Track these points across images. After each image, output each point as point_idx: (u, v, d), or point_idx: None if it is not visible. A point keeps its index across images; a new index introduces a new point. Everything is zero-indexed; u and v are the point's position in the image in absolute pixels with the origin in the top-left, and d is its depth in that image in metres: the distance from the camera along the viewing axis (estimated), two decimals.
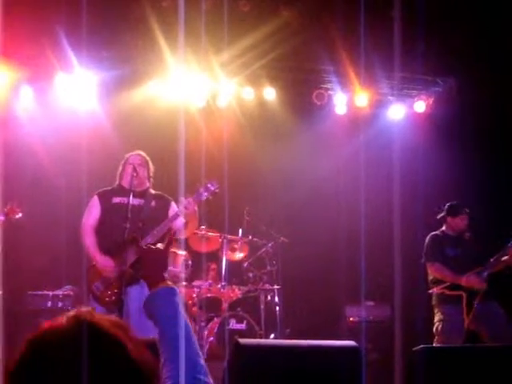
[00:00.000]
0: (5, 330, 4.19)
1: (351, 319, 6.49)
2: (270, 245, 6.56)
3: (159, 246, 2.05)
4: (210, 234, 6.30)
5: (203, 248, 6.47)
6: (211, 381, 1.64)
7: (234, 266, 6.62)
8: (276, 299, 6.64)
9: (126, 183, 4.24)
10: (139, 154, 4.32)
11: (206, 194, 3.97)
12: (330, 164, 7.34)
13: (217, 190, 4.06)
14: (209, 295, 6.21)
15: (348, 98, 7.63)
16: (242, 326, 6.06)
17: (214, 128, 7.33)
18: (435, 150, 7.24)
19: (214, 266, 6.67)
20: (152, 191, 4.42)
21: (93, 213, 4.08)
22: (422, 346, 3.24)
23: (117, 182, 4.38)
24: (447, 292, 5.11)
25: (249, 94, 7.40)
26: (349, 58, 7.31)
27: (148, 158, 4.40)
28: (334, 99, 7.57)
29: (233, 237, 6.37)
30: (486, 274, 5.04)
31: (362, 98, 7.59)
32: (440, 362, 3.07)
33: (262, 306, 6.27)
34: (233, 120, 7.42)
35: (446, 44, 7.19)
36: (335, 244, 7.12)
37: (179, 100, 7.15)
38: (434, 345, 5.07)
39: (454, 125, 7.33)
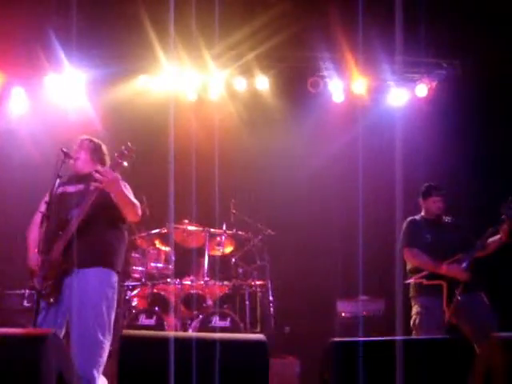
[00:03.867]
0: None
1: (343, 314, 6.21)
2: (258, 238, 6.36)
3: None
4: (191, 228, 6.15)
5: (189, 243, 6.34)
6: None
7: (222, 261, 6.45)
8: (270, 295, 6.45)
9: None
10: (80, 139, 4.16)
11: (120, 159, 3.75)
12: (326, 154, 7.08)
13: (131, 154, 3.76)
14: (193, 291, 6.06)
15: (345, 85, 7.33)
16: (226, 323, 5.87)
17: (206, 121, 7.19)
18: (438, 136, 6.87)
19: (202, 261, 6.50)
20: None
21: (41, 208, 3.94)
22: (334, 339, 2.98)
23: None
24: (425, 282, 4.73)
25: (241, 84, 7.21)
26: (346, 43, 7.04)
27: (95, 141, 4.19)
28: (329, 87, 7.29)
29: (216, 230, 6.20)
30: (468, 261, 4.65)
31: (360, 84, 7.28)
32: (352, 356, 2.83)
33: (247, 303, 6.08)
34: (225, 112, 7.27)
35: (451, 25, 6.83)
36: (329, 236, 6.86)
37: (170, 94, 7.06)
38: None
39: (458, 109, 6.94)
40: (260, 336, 3.07)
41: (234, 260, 6.35)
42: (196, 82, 7.19)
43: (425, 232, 4.87)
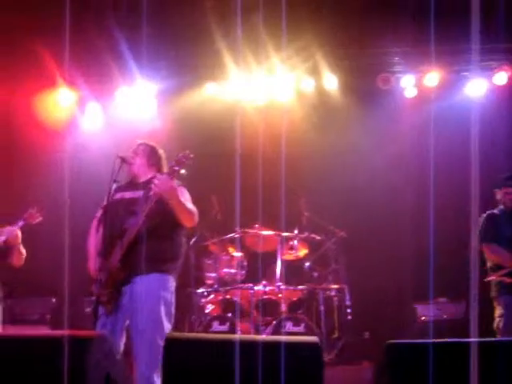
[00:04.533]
0: None
1: (423, 318, 5.91)
2: (332, 241, 6.19)
3: None
4: (263, 232, 6.07)
5: (261, 248, 6.26)
6: None
7: (296, 265, 6.33)
8: (347, 300, 6.27)
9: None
10: (136, 144, 4.18)
11: (177, 167, 3.72)
12: (398, 151, 6.82)
13: (188, 161, 3.73)
14: (266, 297, 5.97)
15: (417, 79, 7.04)
16: (300, 328, 5.74)
17: (274, 124, 7.10)
18: None
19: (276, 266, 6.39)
20: None
21: (98, 213, 3.99)
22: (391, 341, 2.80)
23: None
24: (508, 280, 4.41)
25: (309, 85, 7.09)
26: (417, 35, 6.78)
27: (150, 144, 4.19)
28: (401, 82, 7.03)
29: (288, 234, 6.08)
30: None
31: (434, 77, 6.96)
32: (409, 358, 2.64)
33: (322, 308, 5.92)
34: (294, 114, 7.15)
35: None
36: (403, 236, 6.58)
37: (238, 99, 7.06)
38: None
39: None
40: (313, 338, 2.93)
41: (307, 264, 6.20)
42: (264, 85, 7.14)
43: (504, 226, 4.56)
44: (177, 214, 3.83)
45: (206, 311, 6.10)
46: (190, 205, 3.93)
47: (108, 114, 7.23)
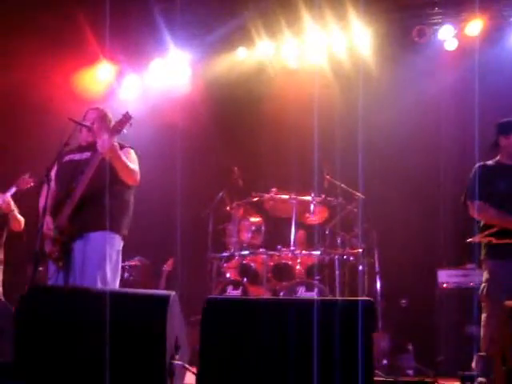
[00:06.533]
0: None
1: (444, 285, 5.53)
2: (353, 204, 5.95)
3: None
4: (278, 196, 5.97)
5: (280, 212, 6.17)
6: None
7: (318, 231, 6.15)
8: (377, 265, 6.03)
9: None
10: (90, 109, 4.28)
11: (119, 127, 3.78)
12: (436, 109, 6.36)
13: (129, 121, 3.77)
14: (282, 262, 5.88)
15: (457, 29, 6.51)
16: (313, 293, 5.61)
17: (306, 87, 6.91)
18: None
19: (301, 232, 6.27)
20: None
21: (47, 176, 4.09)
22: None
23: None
24: (495, 241, 3.96)
25: (342, 45, 6.81)
26: None
27: (100, 109, 4.26)
28: (439, 34, 6.53)
29: (304, 198, 5.92)
30: None
31: (476, 25, 6.40)
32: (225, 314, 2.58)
33: (337, 272, 5.72)
34: (326, 76, 6.91)
35: None
36: (435, 198, 6.15)
37: (268, 62, 6.98)
38: (483, 314, 3.99)
39: None
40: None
41: (328, 229, 6.01)
42: (295, 48, 6.96)
43: (498, 179, 4.07)
44: (118, 172, 3.93)
45: (227, 275, 6.12)
46: (132, 165, 4.03)
47: (145, 85, 7.40)
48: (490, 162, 4.23)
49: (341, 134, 6.56)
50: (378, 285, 5.94)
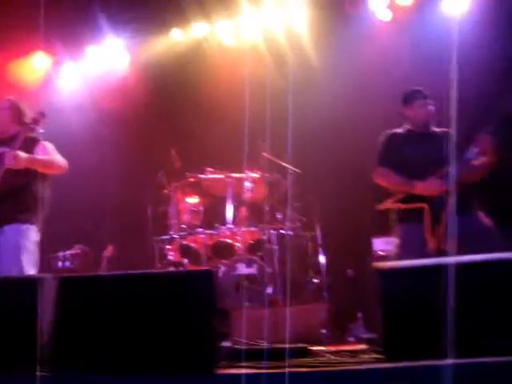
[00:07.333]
0: None
1: (380, 253, 5.58)
2: (289, 180, 5.96)
3: None
4: (213, 176, 5.97)
5: (217, 192, 6.17)
6: None
7: (258, 208, 6.16)
8: (319, 238, 6.06)
9: None
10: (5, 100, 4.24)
11: (32, 126, 3.81)
12: (366, 82, 6.35)
13: (44, 119, 3.83)
14: (221, 240, 5.89)
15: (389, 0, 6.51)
16: (252, 269, 5.63)
17: (241, 65, 6.88)
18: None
19: (243, 209, 6.26)
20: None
21: None
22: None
23: None
24: (403, 206, 3.98)
25: (276, 21, 6.78)
26: None
27: (12, 101, 4.22)
28: (370, 4, 6.53)
29: (239, 175, 5.92)
30: (454, 175, 3.80)
31: None
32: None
33: (276, 247, 5.74)
34: (259, 52, 6.87)
35: None
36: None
37: (202, 42, 6.95)
38: None
39: None
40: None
41: (267, 205, 6.02)
42: (229, 25, 6.93)
43: (405, 145, 4.10)
44: (39, 170, 4.01)
45: (169, 258, 6.11)
46: (50, 157, 4.07)
47: (82, 72, 7.33)
48: (399, 130, 4.26)
49: (276, 110, 6.54)
50: (322, 257, 5.98)
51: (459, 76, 4.07)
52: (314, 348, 3.42)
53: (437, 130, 4.21)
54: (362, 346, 3.30)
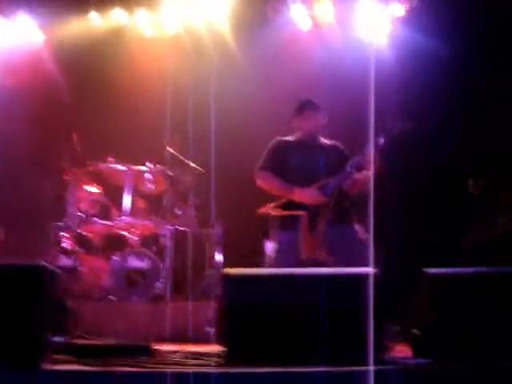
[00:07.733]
0: None
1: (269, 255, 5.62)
2: (190, 177, 5.96)
3: None
4: (113, 166, 5.90)
5: (116, 182, 6.10)
6: None
7: (158, 201, 6.12)
8: (217, 236, 6.04)
9: None
10: None
11: None
12: (280, 91, 6.38)
13: None
14: (116, 232, 5.84)
15: (310, 10, 6.56)
16: (143, 263, 5.61)
17: (160, 57, 6.82)
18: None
19: (141, 201, 6.20)
20: None
21: None
22: None
23: None
24: (280, 213, 4.04)
25: (198, 17, 6.73)
26: None
27: None
28: (290, 12, 6.56)
29: (138, 167, 5.88)
30: (333, 187, 3.89)
31: (325, 6, 6.47)
32: None
33: (168, 243, 5.72)
34: (180, 48, 6.82)
35: None
36: None
37: (122, 29, 6.83)
38: None
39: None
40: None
41: (165, 200, 5.99)
42: (150, 17, 6.84)
43: (292, 154, 4.17)
44: None
45: (63, 245, 5.99)
46: None
47: None
48: (288, 138, 4.33)
49: (194, 105, 6.53)
50: (219, 255, 5.97)
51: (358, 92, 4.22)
52: (165, 348, 3.42)
53: (326, 141, 4.29)
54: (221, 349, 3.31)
